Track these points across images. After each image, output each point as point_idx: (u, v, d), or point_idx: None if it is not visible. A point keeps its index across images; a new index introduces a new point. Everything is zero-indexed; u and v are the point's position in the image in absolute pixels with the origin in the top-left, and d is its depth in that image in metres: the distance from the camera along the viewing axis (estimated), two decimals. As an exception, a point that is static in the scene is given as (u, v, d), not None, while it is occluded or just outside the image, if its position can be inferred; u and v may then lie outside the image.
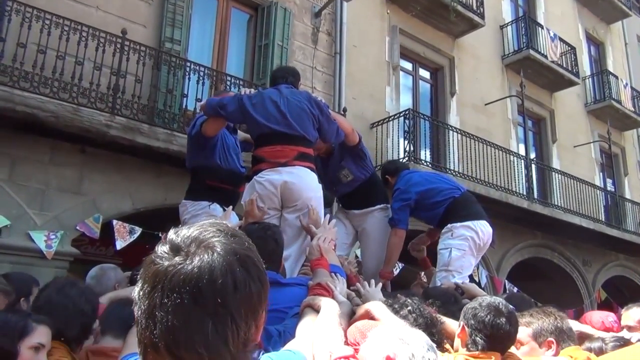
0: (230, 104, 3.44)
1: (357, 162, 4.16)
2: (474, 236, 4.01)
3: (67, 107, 6.24)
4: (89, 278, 3.29)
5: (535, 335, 2.28)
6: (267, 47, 8.65)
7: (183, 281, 0.83)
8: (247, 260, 0.90)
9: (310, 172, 3.41)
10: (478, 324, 2.03)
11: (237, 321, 0.86)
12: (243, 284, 0.87)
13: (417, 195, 4.14)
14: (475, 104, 12.14)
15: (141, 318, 0.85)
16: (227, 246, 0.89)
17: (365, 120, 9.69)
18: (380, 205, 4.26)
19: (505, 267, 11.36)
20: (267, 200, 3.31)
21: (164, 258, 0.87)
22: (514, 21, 13.58)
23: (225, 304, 0.84)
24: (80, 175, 6.72)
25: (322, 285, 2.21)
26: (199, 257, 0.85)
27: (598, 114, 15.36)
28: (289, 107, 3.39)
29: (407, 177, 4.32)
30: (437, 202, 4.14)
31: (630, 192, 15.99)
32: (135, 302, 0.88)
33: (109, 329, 2.17)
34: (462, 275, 3.97)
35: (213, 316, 0.84)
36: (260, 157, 3.41)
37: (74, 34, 6.51)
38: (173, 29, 7.71)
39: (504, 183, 10.73)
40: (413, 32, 11.19)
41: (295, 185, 3.31)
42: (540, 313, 2.36)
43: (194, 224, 0.94)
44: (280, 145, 3.35)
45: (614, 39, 17.73)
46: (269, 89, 3.68)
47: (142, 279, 0.88)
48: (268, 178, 3.31)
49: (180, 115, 7.24)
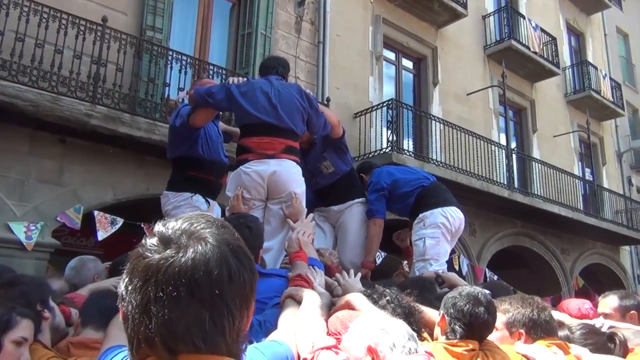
0: (218, 92, 3.44)
1: (339, 154, 4.18)
2: (445, 222, 4.07)
3: (47, 96, 6.14)
4: (68, 269, 3.28)
5: (508, 325, 2.33)
6: (250, 36, 8.60)
7: (178, 274, 0.82)
8: (239, 250, 0.90)
9: (296, 165, 3.43)
10: (457, 313, 2.08)
11: (232, 311, 0.86)
12: (237, 274, 0.87)
13: (388, 186, 4.22)
14: (458, 94, 12.22)
15: (133, 313, 0.84)
16: (219, 237, 0.88)
17: (349, 110, 9.71)
18: (359, 199, 4.27)
19: (486, 256, 11.52)
20: (253, 191, 3.32)
21: (153, 251, 0.85)
22: (496, 11, 13.65)
23: (221, 294, 0.84)
24: (61, 166, 6.64)
25: (302, 276, 2.25)
26: (192, 248, 0.85)
27: (577, 104, 15.56)
28: (280, 99, 3.41)
29: (378, 171, 4.42)
30: (407, 193, 4.21)
31: (608, 182, 16.27)
32: (122, 297, 0.87)
33: (90, 320, 2.16)
34: (439, 262, 4.04)
35: (210, 308, 0.83)
36: (247, 147, 3.40)
37: (54, 22, 6.40)
38: (155, 16, 7.61)
39: (486, 172, 10.85)
40: (396, 21, 11.20)
41: (283, 177, 3.33)
42: (519, 302, 2.38)
43: (181, 216, 0.93)
44: (269, 137, 3.36)
45: (594, 30, 17.93)
46: (258, 78, 3.67)
47: (129, 274, 0.86)
48: (255, 169, 3.31)
49: (162, 104, 7.18)
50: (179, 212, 3.69)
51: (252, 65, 8.39)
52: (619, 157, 17.35)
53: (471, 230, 11.32)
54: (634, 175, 17.94)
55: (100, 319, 2.03)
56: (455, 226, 4.16)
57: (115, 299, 0.93)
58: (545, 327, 2.31)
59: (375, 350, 1.59)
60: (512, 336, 2.32)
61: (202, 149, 3.78)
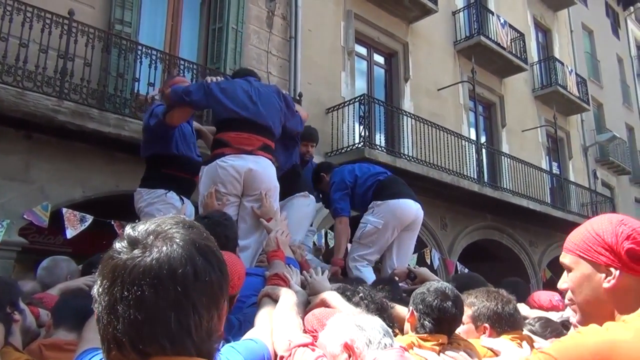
0: (196, 91, 3.42)
1: (285, 149, 4.13)
2: (394, 212, 4.13)
3: (11, 91, 5.98)
4: (40, 269, 3.21)
5: (474, 318, 2.38)
6: (221, 30, 8.51)
7: (143, 273, 0.83)
8: (207, 249, 0.90)
9: (272, 165, 3.44)
10: (426, 308, 2.11)
11: (199, 311, 0.85)
12: (204, 273, 0.87)
13: (351, 184, 4.27)
14: (429, 89, 12.34)
15: (102, 314, 0.85)
16: (186, 236, 0.88)
17: (321, 105, 9.71)
18: (301, 193, 4.27)
19: (457, 249, 11.70)
20: (229, 185, 3.29)
21: (122, 252, 0.86)
22: (466, 7, 13.80)
23: (186, 293, 0.84)
24: (27, 162, 6.48)
25: (279, 275, 2.26)
26: (157, 248, 0.85)
27: (545, 100, 15.88)
28: (260, 97, 3.43)
29: (340, 170, 4.46)
30: (367, 187, 4.27)
31: (574, 175, 16.68)
32: (95, 299, 0.87)
33: (62, 321, 2.11)
34: (371, 249, 4.17)
35: (175, 307, 0.83)
36: (225, 141, 3.37)
37: (18, 15, 6.23)
38: (123, 10, 7.47)
39: (456, 167, 11.00)
40: (368, 17, 11.23)
41: (259, 173, 3.32)
42: (484, 296, 2.43)
43: (150, 219, 0.93)
44: (247, 133, 3.36)
45: (560, 26, 18.30)
46: (237, 79, 3.67)
47: (100, 276, 0.87)
48: (232, 163, 3.29)
49: (132, 100, 7.06)
50: (152, 209, 3.66)
51: (223, 60, 8.31)
52: (584, 151, 17.80)
53: (442, 224, 11.47)
54: (599, 168, 18.43)
55: (73, 319, 2.00)
56: (408, 218, 4.23)
57: (88, 299, 0.92)
58: (510, 320, 2.36)
59: (351, 347, 1.60)
60: (478, 330, 2.37)
61: (176, 146, 3.75)
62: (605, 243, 1.25)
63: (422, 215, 4.36)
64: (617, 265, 1.23)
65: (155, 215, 3.60)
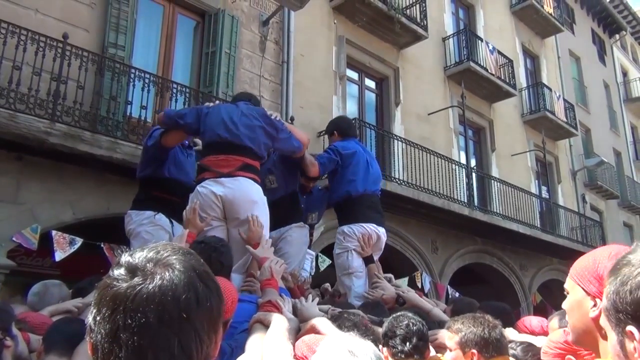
0: (188, 114, 3.48)
1: (288, 173, 4.16)
2: (360, 237, 4.11)
3: (3, 113, 5.99)
4: (31, 295, 3.17)
5: (461, 345, 2.38)
6: (214, 54, 8.59)
7: (146, 300, 0.83)
8: (206, 275, 0.92)
9: (253, 183, 3.40)
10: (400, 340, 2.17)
11: (201, 336, 0.87)
12: (205, 298, 0.88)
13: (342, 162, 4.22)
14: (419, 114, 12.47)
15: (102, 343, 0.84)
16: (186, 263, 0.90)
17: (313, 129, 9.77)
18: (297, 223, 4.18)
19: (448, 273, 11.70)
20: (209, 209, 3.30)
21: (121, 280, 0.86)
22: (455, 34, 14.05)
23: (189, 319, 0.85)
24: (17, 184, 6.45)
25: (272, 302, 2.27)
26: (159, 275, 0.86)
27: (533, 124, 16.08)
28: (242, 119, 3.45)
29: (351, 145, 4.34)
30: (340, 185, 4.24)
31: (564, 199, 16.81)
32: (90, 329, 0.87)
33: (53, 346, 2.10)
34: (362, 273, 4.11)
35: (178, 332, 0.84)
36: (205, 166, 3.42)
37: (12, 37, 6.27)
38: (117, 34, 7.53)
39: (446, 191, 11.07)
40: (359, 42, 11.40)
41: (236, 198, 3.30)
42: (471, 321, 2.43)
43: (147, 246, 0.94)
44: (225, 154, 3.37)
45: (548, 52, 18.63)
46: (226, 103, 3.72)
47: (97, 305, 0.87)
48: (210, 189, 3.31)
49: (124, 122, 7.08)
50: (142, 230, 3.66)
51: (215, 84, 8.37)
52: (573, 175, 17.97)
53: (433, 248, 11.49)
54: (588, 192, 18.59)
55: (64, 345, 1.99)
56: (372, 241, 4.19)
57: (78, 324, 0.93)
58: (497, 345, 2.36)
59: None
60: (466, 356, 2.37)
61: (167, 170, 3.78)
62: (596, 273, 1.28)
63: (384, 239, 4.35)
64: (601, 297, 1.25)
65: (145, 238, 3.61)
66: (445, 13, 14.22)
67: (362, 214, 4.20)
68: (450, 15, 14.54)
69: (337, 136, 4.45)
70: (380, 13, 11.08)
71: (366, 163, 4.35)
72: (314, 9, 10.13)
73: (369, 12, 11.09)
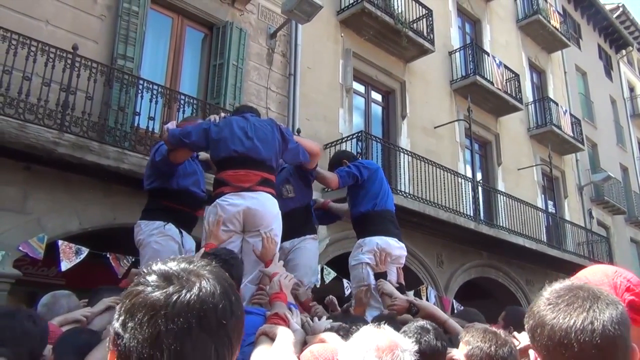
0: (194, 132, 3.49)
1: (304, 184, 4.21)
2: (380, 250, 4.11)
3: (13, 123, 6.03)
4: (40, 306, 3.15)
5: (468, 357, 2.36)
6: (222, 66, 8.66)
7: (187, 306, 0.87)
8: (233, 288, 0.96)
9: (271, 198, 3.46)
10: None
11: (232, 343, 0.91)
12: (237, 308, 0.93)
13: (364, 178, 4.30)
14: (425, 127, 12.48)
15: (139, 349, 0.85)
16: (217, 275, 0.94)
17: (319, 141, 9.73)
18: (311, 235, 4.22)
19: (453, 287, 11.63)
20: (229, 223, 3.34)
21: (156, 287, 0.89)
22: (462, 48, 14.10)
23: (225, 327, 0.90)
24: (24, 194, 6.49)
25: (279, 315, 2.28)
26: (198, 284, 0.90)
27: (540, 139, 16.06)
28: (256, 132, 3.49)
29: (372, 163, 4.56)
30: (363, 200, 4.29)
31: (570, 214, 16.73)
32: (118, 335, 0.87)
33: (64, 356, 2.11)
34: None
35: (215, 339, 0.88)
36: (224, 181, 3.43)
37: (22, 48, 6.34)
38: (126, 45, 7.61)
39: (452, 204, 11.04)
40: (366, 55, 11.45)
41: (259, 211, 3.36)
42: (480, 335, 2.40)
43: (176, 257, 0.98)
44: (245, 169, 3.41)
45: (554, 67, 18.66)
46: (235, 116, 3.74)
47: (127, 311, 0.88)
48: (232, 202, 3.34)
49: (132, 133, 7.13)
50: (151, 240, 3.68)
51: (223, 95, 8.43)
52: (579, 190, 17.90)
53: (438, 262, 11.44)
54: (594, 208, 18.50)
55: (75, 355, 1.99)
56: (392, 256, 4.21)
57: (88, 335, 0.94)
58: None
59: None
60: None
61: (176, 182, 3.80)
62: None
63: (404, 253, 4.39)
64: None
65: (154, 248, 3.63)
66: (451, 27, 14.29)
67: (385, 226, 4.25)
68: (457, 29, 14.61)
69: (346, 165, 4.49)
70: (387, 27, 11.15)
71: (385, 181, 4.51)
72: (321, 22, 10.20)
73: (375, 25, 11.15)
